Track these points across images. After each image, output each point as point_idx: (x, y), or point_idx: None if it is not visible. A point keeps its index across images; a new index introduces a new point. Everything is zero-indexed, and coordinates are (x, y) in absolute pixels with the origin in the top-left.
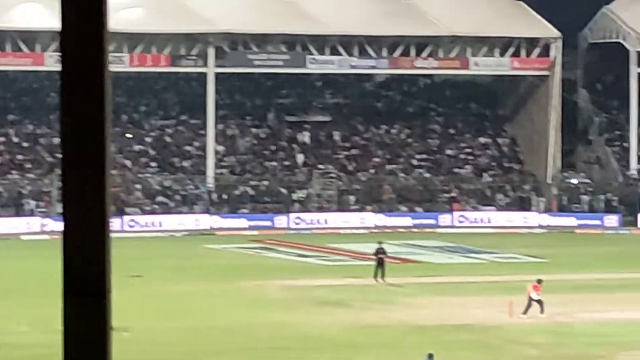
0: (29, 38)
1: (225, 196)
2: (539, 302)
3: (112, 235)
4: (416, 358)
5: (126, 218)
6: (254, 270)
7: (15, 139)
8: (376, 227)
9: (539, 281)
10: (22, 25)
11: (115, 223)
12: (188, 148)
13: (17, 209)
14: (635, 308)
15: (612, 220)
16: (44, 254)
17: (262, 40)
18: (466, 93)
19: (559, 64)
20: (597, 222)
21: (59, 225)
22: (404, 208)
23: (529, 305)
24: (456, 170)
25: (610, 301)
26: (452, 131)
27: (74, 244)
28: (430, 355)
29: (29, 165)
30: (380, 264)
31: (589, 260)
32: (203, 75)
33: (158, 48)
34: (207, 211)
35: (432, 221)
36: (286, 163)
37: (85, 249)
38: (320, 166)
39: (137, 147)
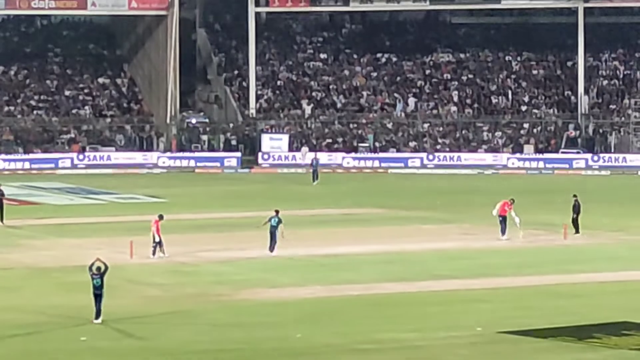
0: None
1: None
2: (159, 242)
3: None
4: (38, 299)
5: None
6: None
7: None
8: None
9: (161, 217)
10: None
11: None
12: None
13: None
14: (253, 247)
15: (231, 159)
16: None
17: None
18: (84, 33)
19: (176, 3)
20: (217, 162)
21: None
22: (22, 150)
23: (160, 244)
24: (75, 111)
25: (230, 240)
26: (70, 72)
27: None
28: (277, 212)
29: None
30: None
31: (209, 200)
32: None
33: None
34: None
35: (51, 164)
36: None
37: None
38: None
39: None
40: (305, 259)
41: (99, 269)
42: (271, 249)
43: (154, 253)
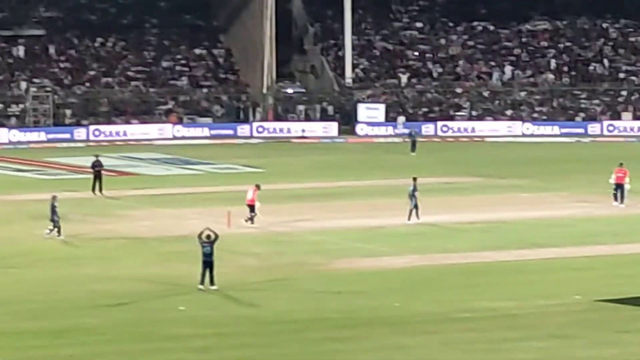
0: None
1: None
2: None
3: None
4: (136, 269)
5: None
6: None
7: None
8: (92, 140)
9: (258, 186)
10: None
11: None
12: None
13: None
14: (350, 216)
15: (328, 129)
16: None
17: None
18: (180, 4)
19: None
20: (314, 131)
21: None
22: (120, 121)
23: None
24: (172, 82)
25: (326, 210)
26: (167, 43)
27: None
28: (415, 178)
29: None
30: (98, 177)
31: (305, 169)
32: None
33: None
34: None
35: (148, 135)
36: (0, 78)
37: None
38: (36, 80)
39: None
40: (401, 228)
41: (208, 236)
42: (417, 216)
43: (252, 221)
